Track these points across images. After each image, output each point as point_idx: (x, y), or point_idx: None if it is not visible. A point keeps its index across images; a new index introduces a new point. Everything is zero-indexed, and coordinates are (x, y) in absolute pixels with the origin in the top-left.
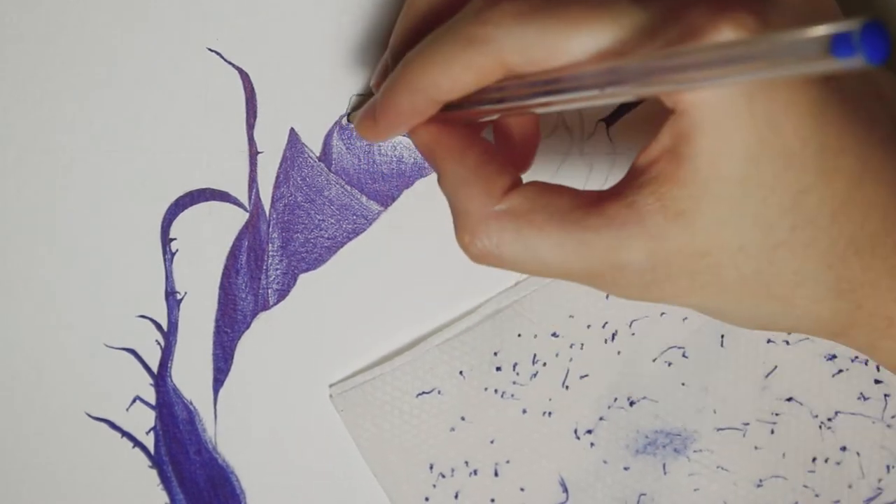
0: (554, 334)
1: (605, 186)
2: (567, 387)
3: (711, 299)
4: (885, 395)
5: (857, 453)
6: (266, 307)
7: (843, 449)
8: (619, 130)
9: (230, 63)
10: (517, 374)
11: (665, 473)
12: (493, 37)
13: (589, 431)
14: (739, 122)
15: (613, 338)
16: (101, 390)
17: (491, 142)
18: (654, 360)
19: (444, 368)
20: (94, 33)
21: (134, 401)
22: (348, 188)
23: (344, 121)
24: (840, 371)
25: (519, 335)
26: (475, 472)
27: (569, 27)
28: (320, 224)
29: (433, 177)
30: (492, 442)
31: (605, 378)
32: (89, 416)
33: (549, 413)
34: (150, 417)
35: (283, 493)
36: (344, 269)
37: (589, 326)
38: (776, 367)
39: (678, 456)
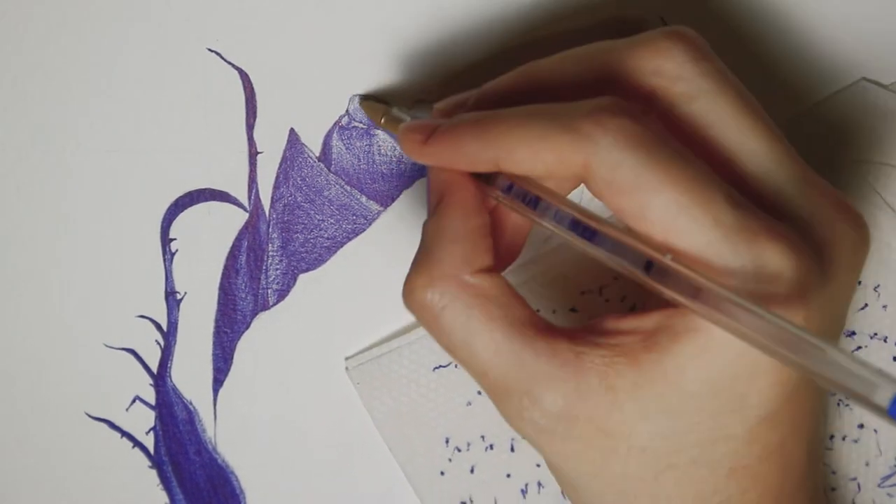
0: (573, 309)
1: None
2: None
3: (584, 478)
4: None
5: (875, 430)
6: (266, 307)
7: (861, 426)
8: None
9: (230, 63)
10: None
11: None
12: (595, 141)
13: None
14: (729, 358)
15: None
16: (101, 390)
17: (488, 219)
18: None
19: None
20: (94, 33)
21: (134, 401)
22: (348, 188)
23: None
24: (859, 348)
25: (538, 310)
26: (491, 446)
27: (668, 188)
28: (320, 224)
29: None
30: None
31: None
32: (89, 416)
33: None
34: (149, 417)
35: (283, 493)
36: (344, 270)
37: (607, 301)
38: None
39: None
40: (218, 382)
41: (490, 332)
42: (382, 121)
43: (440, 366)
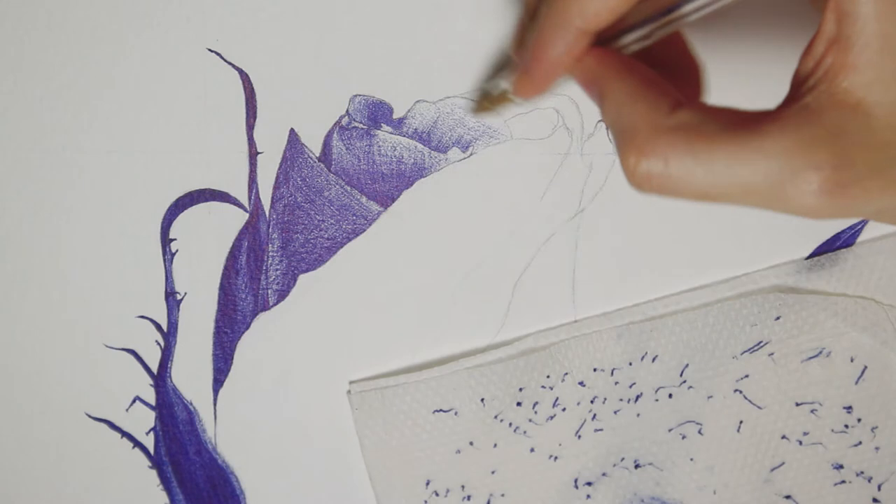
0: (581, 383)
1: (604, 187)
2: (580, 436)
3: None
4: None
5: None
6: (266, 307)
7: None
8: None
9: (230, 63)
10: (535, 412)
11: None
12: None
13: (589, 484)
14: None
15: (637, 399)
16: (101, 390)
17: (643, 66)
18: (669, 430)
19: (466, 392)
20: (95, 34)
21: (134, 401)
22: (348, 189)
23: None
24: (843, 482)
25: (548, 376)
26: (469, 497)
27: None
28: (320, 224)
29: (433, 177)
30: (493, 472)
31: (618, 436)
32: (89, 416)
33: (556, 458)
34: (150, 418)
35: (283, 493)
36: (343, 270)
37: (617, 384)
38: (783, 462)
39: None
40: (218, 383)
41: (720, 149)
42: (487, 104)
43: (440, 410)
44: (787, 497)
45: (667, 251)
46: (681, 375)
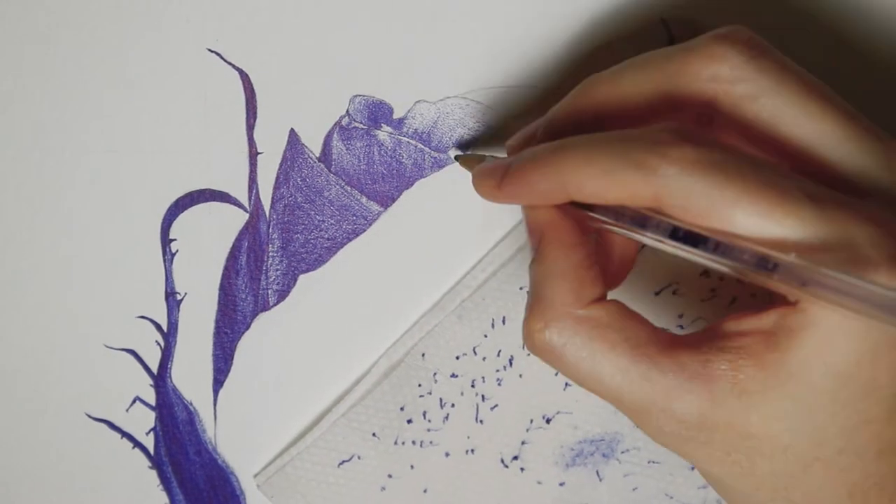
0: (453, 375)
1: None
2: (481, 421)
3: (733, 479)
4: None
5: None
6: (266, 308)
7: None
8: None
9: (230, 63)
10: (429, 421)
11: (601, 480)
12: (663, 174)
13: (515, 458)
14: (849, 345)
15: (511, 363)
16: (101, 390)
17: (593, 248)
18: (556, 374)
19: (356, 435)
20: (95, 34)
21: (134, 401)
22: (348, 189)
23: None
24: None
25: (419, 384)
26: None
27: (744, 202)
28: (320, 225)
29: (433, 178)
30: (425, 491)
31: (514, 403)
32: (89, 416)
33: (472, 450)
34: (150, 418)
35: None
36: (344, 270)
37: (484, 359)
38: None
39: (608, 460)
40: (218, 383)
41: (614, 359)
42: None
43: (344, 461)
44: None
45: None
46: None
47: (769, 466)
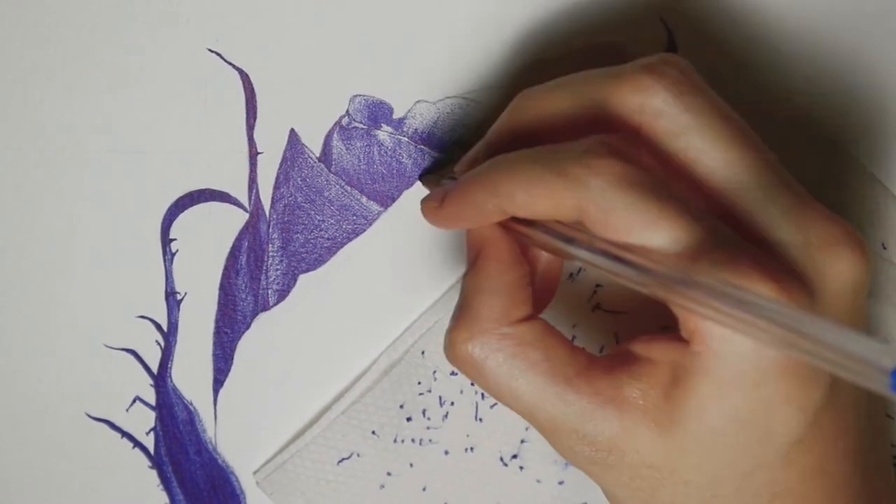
0: (453, 373)
1: None
2: (480, 419)
3: (636, 503)
4: None
5: None
6: (266, 307)
7: None
8: None
9: (230, 63)
10: (429, 419)
11: None
12: (585, 185)
13: (514, 456)
14: (743, 395)
15: None
16: (101, 390)
17: (527, 270)
18: None
19: (355, 433)
20: (94, 33)
21: (134, 401)
22: (348, 189)
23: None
24: None
25: (419, 382)
26: None
27: (658, 218)
28: (320, 224)
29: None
30: (424, 489)
31: None
32: (89, 416)
33: (471, 448)
34: (150, 418)
35: None
36: (344, 270)
37: None
38: None
39: None
40: (218, 383)
41: (532, 377)
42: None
43: (343, 458)
44: None
45: None
46: None
47: (669, 498)
